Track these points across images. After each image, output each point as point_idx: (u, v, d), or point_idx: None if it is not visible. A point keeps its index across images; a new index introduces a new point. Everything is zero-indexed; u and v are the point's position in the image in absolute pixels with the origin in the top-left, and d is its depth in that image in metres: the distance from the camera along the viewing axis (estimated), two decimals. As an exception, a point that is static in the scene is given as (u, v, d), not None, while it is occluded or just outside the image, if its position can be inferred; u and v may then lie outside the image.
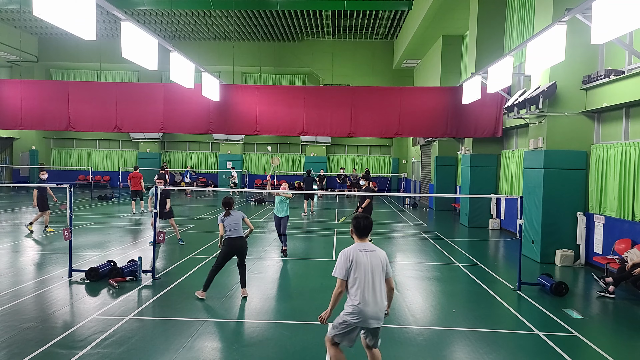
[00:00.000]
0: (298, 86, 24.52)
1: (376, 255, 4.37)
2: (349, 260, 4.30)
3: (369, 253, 4.34)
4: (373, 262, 4.32)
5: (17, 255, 10.35)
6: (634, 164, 9.27)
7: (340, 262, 4.32)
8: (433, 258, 10.99)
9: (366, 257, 4.32)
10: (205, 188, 26.65)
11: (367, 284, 4.25)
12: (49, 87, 15.50)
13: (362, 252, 4.33)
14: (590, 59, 10.55)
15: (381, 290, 4.32)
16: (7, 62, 29.47)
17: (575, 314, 7.11)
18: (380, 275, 4.32)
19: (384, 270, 4.37)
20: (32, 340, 5.64)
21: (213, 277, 7.44)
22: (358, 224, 4.48)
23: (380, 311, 4.28)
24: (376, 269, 4.31)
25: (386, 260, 4.43)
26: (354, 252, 4.33)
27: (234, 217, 7.53)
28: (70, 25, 6.26)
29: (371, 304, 4.23)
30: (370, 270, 4.28)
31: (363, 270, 4.26)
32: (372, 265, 4.30)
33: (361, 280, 4.24)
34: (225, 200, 7.66)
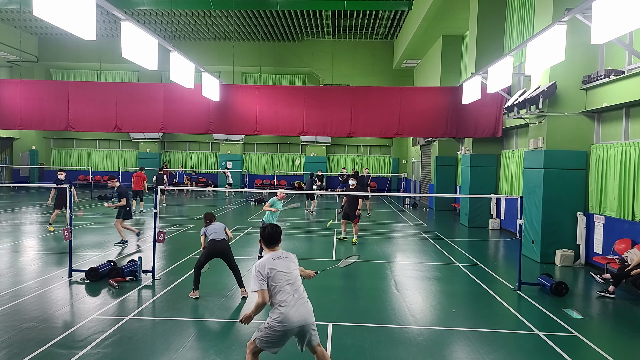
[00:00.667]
0: (298, 86, 24.53)
1: (289, 259, 4.42)
2: (265, 270, 4.25)
3: (286, 260, 4.39)
4: (291, 268, 4.38)
5: (17, 255, 10.35)
6: (634, 164, 9.27)
7: (254, 275, 4.26)
8: (433, 258, 10.99)
9: (285, 264, 4.36)
10: (205, 188, 26.66)
11: (289, 289, 4.27)
12: (49, 87, 15.50)
13: (279, 260, 4.35)
14: (590, 59, 10.55)
15: (304, 293, 4.39)
16: (7, 62, 29.47)
17: (575, 314, 7.11)
18: (299, 280, 4.39)
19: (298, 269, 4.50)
20: (32, 340, 5.64)
21: (198, 274, 7.54)
22: (263, 232, 4.46)
23: (307, 312, 4.31)
24: (295, 275, 4.38)
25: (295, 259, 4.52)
26: (268, 262, 4.31)
27: (215, 226, 7.80)
28: (70, 25, 6.25)
29: (296, 307, 4.24)
30: (292, 276, 4.34)
31: (281, 276, 4.28)
32: (292, 271, 4.37)
33: (281, 287, 4.25)
34: (206, 215, 8.02)
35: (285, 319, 4.21)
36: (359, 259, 10.72)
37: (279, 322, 4.23)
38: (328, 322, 6.50)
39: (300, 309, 4.26)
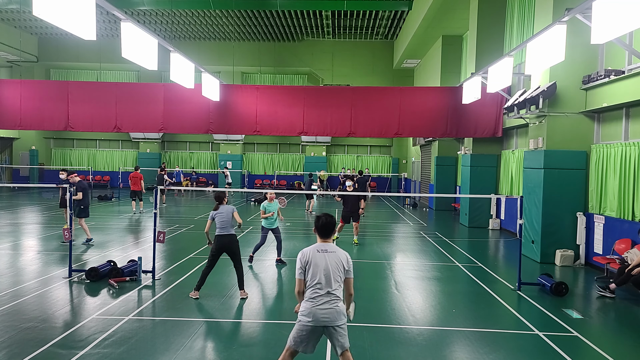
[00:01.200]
0: (298, 86, 24.53)
1: (334, 255, 4.26)
2: (305, 260, 4.23)
3: (325, 253, 4.25)
4: (329, 262, 4.22)
5: (17, 255, 10.35)
6: (634, 164, 9.27)
7: (297, 262, 4.26)
8: (433, 258, 10.99)
9: (322, 257, 4.23)
10: (205, 188, 26.64)
11: (322, 284, 4.17)
12: (49, 87, 15.51)
13: (319, 253, 4.25)
14: (590, 59, 10.55)
15: (338, 291, 4.22)
16: (7, 62, 29.47)
17: (575, 314, 7.11)
18: (337, 277, 4.22)
19: (344, 272, 4.28)
20: (32, 340, 5.64)
21: (206, 276, 7.43)
22: (318, 222, 4.38)
23: (334, 312, 4.16)
24: (332, 270, 4.21)
25: (347, 261, 4.32)
26: (311, 252, 4.26)
27: (224, 214, 7.45)
28: (70, 25, 6.25)
29: (323, 304, 4.14)
30: (324, 271, 4.19)
31: (318, 270, 4.18)
32: (329, 265, 4.21)
33: (315, 281, 4.17)
34: (216, 194, 7.69)
35: (310, 313, 4.14)
36: (360, 259, 10.74)
37: (305, 316, 4.17)
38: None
39: (328, 307, 4.14)
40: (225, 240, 7.38)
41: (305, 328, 4.18)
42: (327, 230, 4.35)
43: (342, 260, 4.29)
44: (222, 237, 7.37)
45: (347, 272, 4.29)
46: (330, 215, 4.41)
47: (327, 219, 4.37)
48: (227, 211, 7.48)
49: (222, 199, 7.63)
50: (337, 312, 4.18)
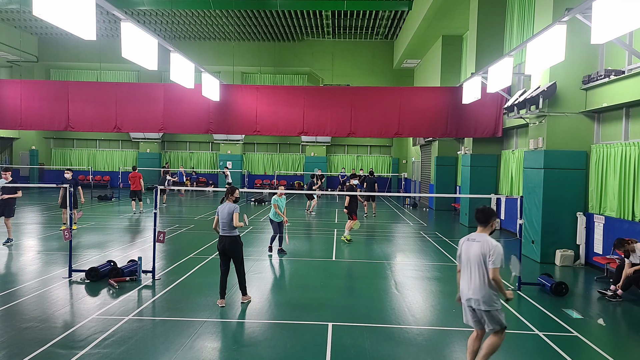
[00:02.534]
0: (298, 86, 24.53)
1: (478, 245, 4.70)
2: (459, 247, 4.91)
3: (472, 243, 4.77)
4: (472, 252, 4.72)
5: (17, 255, 10.35)
6: (634, 164, 9.27)
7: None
8: (433, 258, 10.99)
9: (467, 247, 4.79)
10: (205, 188, 26.65)
11: (465, 270, 4.77)
12: (49, 87, 15.50)
13: (467, 241, 4.83)
14: (590, 59, 10.55)
15: (479, 277, 4.65)
16: (7, 62, 29.46)
17: (575, 314, 7.11)
18: (477, 264, 4.66)
19: (484, 260, 4.64)
20: (32, 340, 5.64)
21: (222, 281, 7.10)
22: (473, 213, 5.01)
23: (478, 296, 4.63)
24: (473, 258, 4.69)
25: (490, 251, 4.62)
26: (462, 241, 4.92)
27: (224, 211, 7.02)
28: (70, 25, 6.25)
29: (466, 289, 4.73)
30: (468, 259, 4.75)
31: (463, 257, 4.80)
32: (470, 254, 4.72)
33: (463, 265, 4.80)
34: (228, 188, 7.25)
35: (461, 292, 4.82)
36: (360, 259, 10.75)
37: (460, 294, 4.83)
38: (328, 322, 6.50)
39: (469, 286, 4.69)
40: (224, 241, 7.02)
41: (464, 309, 4.83)
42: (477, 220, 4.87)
43: (483, 249, 4.66)
44: (221, 237, 7.08)
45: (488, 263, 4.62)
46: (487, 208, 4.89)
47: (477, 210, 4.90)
48: (226, 210, 7.02)
49: (229, 195, 7.15)
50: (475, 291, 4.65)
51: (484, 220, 4.83)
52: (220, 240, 7.09)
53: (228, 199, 7.14)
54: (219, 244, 7.09)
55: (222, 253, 7.09)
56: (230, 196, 7.16)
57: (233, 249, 7.04)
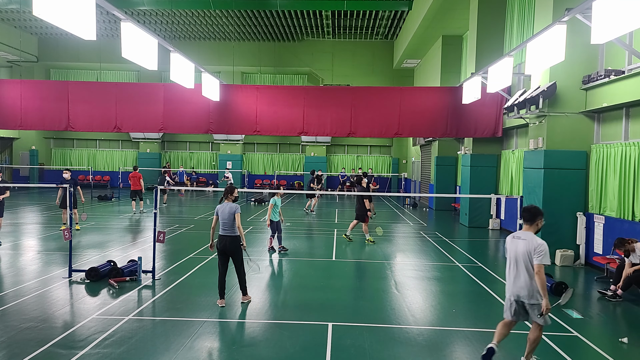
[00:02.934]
0: (298, 86, 24.53)
1: (524, 243, 4.94)
2: (505, 245, 5.18)
3: (518, 240, 5.01)
4: (518, 249, 4.97)
5: (17, 255, 10.35)
6: (634, 164, 9.27)
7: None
8: (433, 258, 10.99)
9: (514, 244, 5.05)
10: (205, 188, 26.65)
11: (511, 266, 5.04)
12: (49, 87, 15.50)
13: (513, 239, 5.08)
14: (590, 59, 10.55)
15: (526, 273, 4.92)
16: (7, 62, 29.47)
17: (575, 314, 7.11)
18: (523, 261, 4.92)
19: (530, 257, 4.88)
20: (32, 340, 5.64)
21: (221, 281, 7.06)
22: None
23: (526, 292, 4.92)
24: (520, 255, 4.94)
25: (537, 248, 4.84)
26: (509, 238, 5.16)
27: (225, 211, 6.92)
28: (70, 25, 6.25)
29: (511, 284, 5.05)
30: (514, 255, 5.00)
31: (510, 254, 5.07)
32: (517, 251, 4.97)
33: (509, 262, 5.07)
34: (227, 187, 7.19)
35: (506, 289, 5.14)
36: (360, 259, 10.75)
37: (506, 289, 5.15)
38: (328, 322, 6.50)
39: (515, 283, 4.99)
40: (224, 241, 6.95)
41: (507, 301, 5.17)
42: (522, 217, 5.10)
43: (528, 247, 4.89)
44: (221, 237, 7.00)
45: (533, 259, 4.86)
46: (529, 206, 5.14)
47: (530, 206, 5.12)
48: (227, 210, 6.94)
49: (228, 194, 7.08)
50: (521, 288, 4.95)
51: (530, 218, 5.03)
52: (220, 240, 7.01)
53: (227, 198, 7.07)
54: (219, 244, 7.01)
55: (221, 253, 7.02)
56: (230, 195, 7.09)
57: (234, 248, 6.98)
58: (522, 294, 4.96)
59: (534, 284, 4.88)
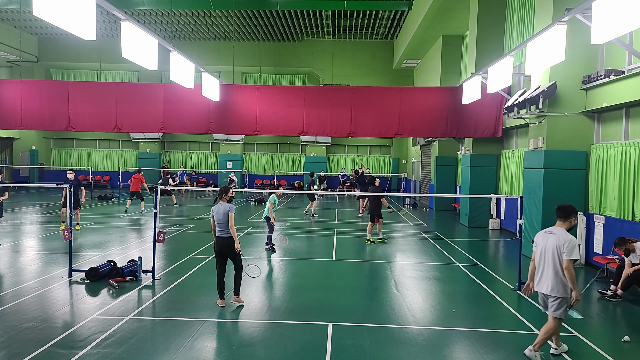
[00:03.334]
0: (298, 86, 24.53)
1: (554, 237, 5.20)
2: (535, 239, 5.43)
3: (549, 235, 5.27)
4: (548, 243, 5.22)
5: (17, 255, 10.35)
6: (634, 164, 9.27)
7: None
8: (433, 258, 10.99)
9: (544, 238, 5.30)
10: (205, 188, 26.65)
11: (540, 260, 5.30)
12: (49, 87, 15.50)
13: (545, 234, 5.34)
14: (590, 59, 10.55)
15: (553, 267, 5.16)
16: (7, 62, 29.47)
17: (575, 314, 7.10)
18: (552, 255, 5.16)
19: (559, 252, 5.12)
20: (32, 340, 5.64)
21: (219, 282, 7.05)
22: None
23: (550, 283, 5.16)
24: (549, 249, 5.20)
25: (565, 243, 5.07)
26: (539, 234, 5.41)
27: (219, 212, 6.87)
28: (70, 25, 6.25)
29: (540, 277, 5.28)
30: (544, 250, 5.25)
31: (539, 249, 5.33)
32: (547, 246, 5.23)
33: (537, 257, 5.35)
34: (222, 188, 7.13)
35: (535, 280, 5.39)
36: (360, 259, 10.74)
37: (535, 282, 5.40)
38: (328, 322, 6.50)
39: (540, 279, 5.29)
40: (221, 243, 6.89)
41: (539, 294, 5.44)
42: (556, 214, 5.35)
43: (558, 242, 5.13)
44: (218, 239, 6.92)
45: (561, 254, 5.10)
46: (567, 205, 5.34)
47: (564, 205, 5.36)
48: (222, 210, 6.87)
49: (223, 194, 7.00)
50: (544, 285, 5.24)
51: (563, 216, 5.28)
52: (217, 242, 6.93)
53: (222, 198, 7.01)
54: (216, 246, 6.94)
55: (219, 255, 6.97)
56: (225, 196, 7.02)
57: (232, 250, 6.91)
58: (544, 286, 5.20)
59: (559, 278, 5.10)
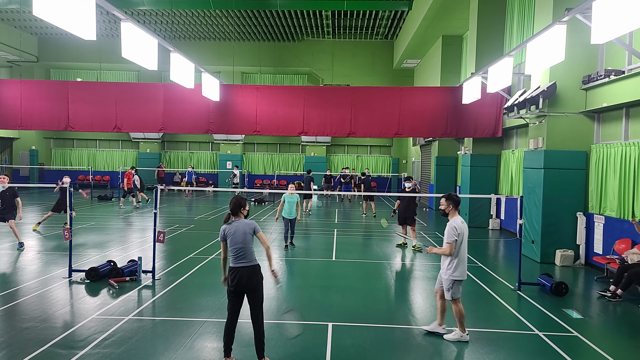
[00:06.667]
0: (298, 86, 24.52)
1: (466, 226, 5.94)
2: (459, 229, 5.79)
3: (465, 224, 5.89)
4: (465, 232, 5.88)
5: (17, 255, 10.35)
6: (634, 164, 9.27)
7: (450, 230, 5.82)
8: (433, 258, 10.99)
9: (465, 227, 5.88)
10: (205, 188, 26.66)
11: (463, 247, 5.83)
12: (49, 87, 15.50)
13: (462, 224, 5.84)
14: (590, 59, 10.55)
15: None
16: (7, 62, 29.47)
17: (575, 314, 7.11)
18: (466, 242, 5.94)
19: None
20: (32, 340, 5.64)
21: (229, 330, 5.05)
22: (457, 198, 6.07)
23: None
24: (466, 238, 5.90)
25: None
26: (462, 223, 5.85)
27: (238, 232, 5.00)
28: (70, 25, 6.25)
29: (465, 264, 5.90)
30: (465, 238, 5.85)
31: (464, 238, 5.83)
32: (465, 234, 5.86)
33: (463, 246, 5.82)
34: (234, 201, 5.13)
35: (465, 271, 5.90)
36: (360, 259, 10.74)
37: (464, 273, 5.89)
38: (328, 322, 6.50)
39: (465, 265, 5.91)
40: (241, 274, 4.94)
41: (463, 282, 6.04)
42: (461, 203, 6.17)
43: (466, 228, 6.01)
44: (235, 270, 4.97)
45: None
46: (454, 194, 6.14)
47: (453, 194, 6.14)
48: (242, 230, 5.01)
49: (237, 210, 5.10)
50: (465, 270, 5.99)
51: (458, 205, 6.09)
52: (234, 274, 4.98)
53: (237, 215, 5.14)
54: (232, 279, 4.98)
55: (235, 291, 5.01)
56: (243, 210, 5.17)
57: (253, 283, 5.01)
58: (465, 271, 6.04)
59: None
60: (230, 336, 5.04)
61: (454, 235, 5.76)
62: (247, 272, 4.97)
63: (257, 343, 5.05)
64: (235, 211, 5.13)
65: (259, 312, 5.04)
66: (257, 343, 5.04)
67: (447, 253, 5.80)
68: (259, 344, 5.04)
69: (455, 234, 5.77)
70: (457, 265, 5.83)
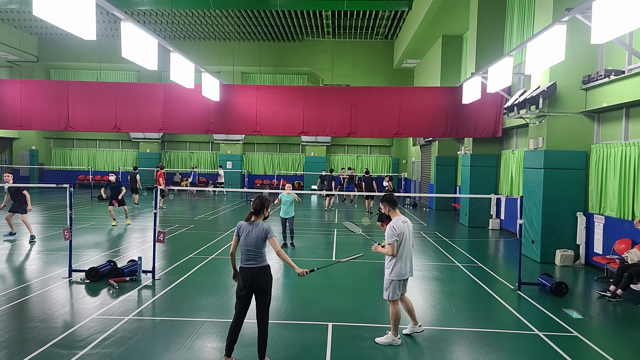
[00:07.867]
0: (298, 86, 24.51)
1: (409, 226, 5.90)
2: (399, 229, 5.72)
3: (406, 224, 5.85)
4: (407, 232, 5.83)
5: (17, 255, 10.35)
6: (634, 164, 9.27)
7: (390, 229, 5.75)
8: (433, 258, 10.99)
9: (406, 226, 5.84)
10: (205, 188, 26.65)
11: (408, 249, 5.82)
12: (49, 87, 15.50)
13: (403, 223, 5.82)
14: (590, 59, 10.55)
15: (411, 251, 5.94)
16: (7, 62, 29.47)
17: (575, 314, 7.11)
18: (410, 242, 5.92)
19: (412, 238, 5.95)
20: (32, 340, 5.64)
21: (233, 333, 5.06)
22: (391, 197, 6.03)
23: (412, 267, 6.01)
24: (409, 237, 5.86)
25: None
26: (402, 222, 5.80)
27: (251, 234, 5.02)
28: (70, 25, 6.25)
29: (409, 262, 5.88)
30: (407, 238, 5.82)
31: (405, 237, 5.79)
32: (407, 234, 5.83)
33: (404, 245, 5.78)
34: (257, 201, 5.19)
35: (404, 270, 5.83)
36: (360, 259, 10.72)
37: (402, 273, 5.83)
38: (328, 322, 6.50)
39: (410, 264, 5.91)
40: (250, 275, 4.97)
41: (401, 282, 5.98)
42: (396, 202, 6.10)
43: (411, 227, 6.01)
44: (244, 270, 5.02)
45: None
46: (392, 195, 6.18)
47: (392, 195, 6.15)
48: (254, 233, 5.01)
49: (261, 211, 5.14)
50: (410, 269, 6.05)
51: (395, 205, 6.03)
52: (243, 273, 5.02)
53: (258, 216, 5.16)
54: (243, 278, 5.01)
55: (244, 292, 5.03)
56: (265, 211, 5.21)
57: (262, 284, 5.02)
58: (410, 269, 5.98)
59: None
60: (234, 336, 5.09)
61: (394, 235, 5.70)
62: (257, 273, 5.02)
63: (259, 343, 5.10)
64: (258, 211, 5.16)
65: (266, 312, 5.10)
66: (260, 343, 5.10)
67: (389, 253, 5.79)
68: (261, 344, 5.10)
69: (395, 234, 5.69)
70: (395, 265, 5.79)
